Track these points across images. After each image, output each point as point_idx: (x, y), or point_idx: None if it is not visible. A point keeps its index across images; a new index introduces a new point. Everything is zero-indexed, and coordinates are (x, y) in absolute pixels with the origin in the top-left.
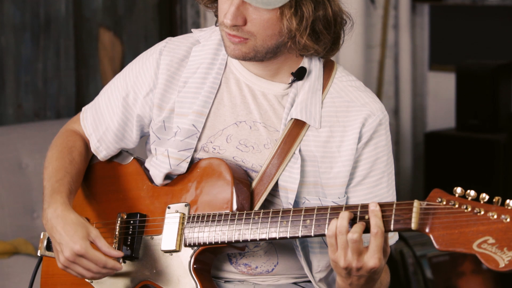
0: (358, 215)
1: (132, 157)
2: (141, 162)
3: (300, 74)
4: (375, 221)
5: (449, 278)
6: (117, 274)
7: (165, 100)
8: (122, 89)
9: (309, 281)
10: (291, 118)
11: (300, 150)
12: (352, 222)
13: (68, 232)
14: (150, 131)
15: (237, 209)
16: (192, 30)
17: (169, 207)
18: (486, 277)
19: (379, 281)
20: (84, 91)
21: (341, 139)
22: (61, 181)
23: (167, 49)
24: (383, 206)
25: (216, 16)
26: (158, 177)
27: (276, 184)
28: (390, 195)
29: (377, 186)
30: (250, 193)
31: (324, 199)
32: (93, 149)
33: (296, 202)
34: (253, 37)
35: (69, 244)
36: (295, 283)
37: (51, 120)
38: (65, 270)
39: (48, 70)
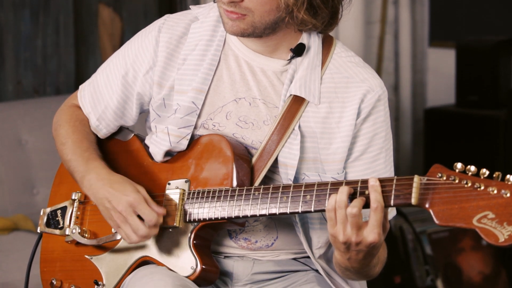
0: (358, 190)
1: (133, 134)
2: (141, 139)
3: (299, 50)
4: (375, 196)
5: (449, 254)
6: (116, 250)
7: (164, 77)
8: (121, 67)
9: (309, 257)
10: (290, 95)
11: (299, 126)
12: (352, 197)
13: (118, 188)
14: (150, 109)
15: (237, 185)
16: (190, 7)
17: (169, 183)
18: (486, 253)
19: (377, 257)
20: (83, 68)
21: (340, 115)
22: (88, 150)
23: (165, 26)
24: (383, 181)
25: None
26: (158, 155)
27: (276, 160)
28: (387, 171)
29: (375, 162)
30: (250, 169)
31: (324, 175)
32: (92, 127)
33: (296, 178)
34: (251, 13)
35: (121, 197)
36: (294, 259)
37: (51, 96)
38: (117, 231)
39: (47, 46)
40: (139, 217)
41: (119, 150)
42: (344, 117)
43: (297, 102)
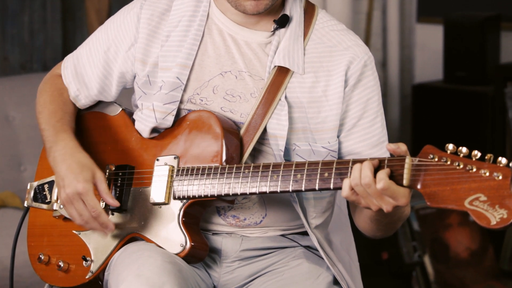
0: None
1: (121, 109)
2: (129, 113)
3: (282, 22)
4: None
5: (436, 230)
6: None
7: (147, 54)
8: (103, 43)
9: (297, 233)
10: (275, 66)
11: (286, 97)
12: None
13: (74, 170)
14: (135, 87)
15: (227, 161)
16: None
17: (158, 160)
18: (473, 229)
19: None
20: (70, 43)
21: (327, 83)
22: (61, 120)
23: (148, 2)
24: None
25: None
26: (144, 132)
27: (265, 132)
28: (384, 135)
29: (373, 126)
30: (240, 143)
31: (314, 144)
32: (72, 97)
33: (287, 149)
34: None
35: (72, 182)
36: (282, 235)
37: (38, 72)
38: (65, 208)
39: (34, 22)
40: None
41: (107, 125)
42: (330, 86)
43: (281, 73)
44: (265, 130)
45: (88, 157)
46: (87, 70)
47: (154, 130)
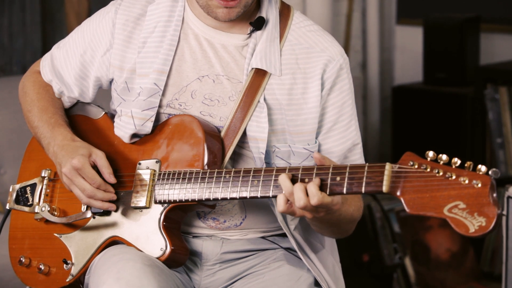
0: (299, 176)
1: (104, 112)
2: (112, 117)
3: (258, 24)
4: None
5: (417, 232)
6: (86, 229)
7: (124, 60)
8: (80, 45)
9: (277, 235)
10: (252, 68)
11: (265, 99)
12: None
13: (70, 152)
14: (114, 94)
15: (208, 165)
16: None
17: (139, 164)
18: (453, 231)
19: (350, 214)
20: (50, 46)
21: (304, 86)
22: (55, 116)
23: (122, 7)
24: (355, 168)
25: None
26: (124, 138)
27: (245, 136)
28: (358, 137)
29: (348, 129)
30: (221, 148)
31: (294, 146)
32: (56, 93)
33: (267, 152)
34: None
35: (68, 160)
36: (263, 237)
37: (17, 75)
38: (68, 189)
39: (13, 24)
40: None
41: (89, 128)
42: (309, 88)
43: (259, 75)
44: (244, 133)
45: (87, 143)
46: (65, 72)
47: (134, 135)
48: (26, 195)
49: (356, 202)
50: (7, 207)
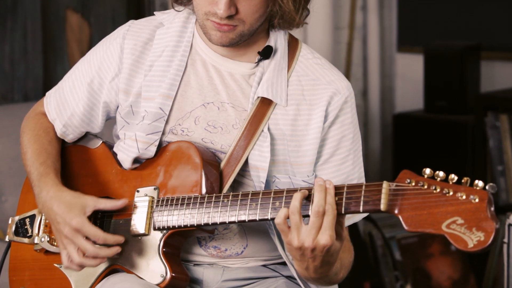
0: (313, 193)
1: (101, 141)
2: (109, 146)
3: (266, 53)
4: (327, 199)
5: (418, 260)
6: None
7: (131, 84)
8: (86, 75)
9: (278, 263)
10: (258, 97)
11: (269, 129)
12: (306, 201)
13: (63, 210)
14: (117, 117)
15: (207, 192)
16: (155, 13)
17: (138, 191)
18: (455, 258)
19: (339, 262)
20: (51, 74)
21: (308, 117)
22: (45, 163)
23: (130, 32)
24: (352, 188)
25: (188, 8)
26: (126, 162)
27: (247, 164)
28: (356, 172)
29: (344, 163)
30: (219, 175)
31: (294, 177)
32: (59, 133)
33: (267, 181)
34: (242, 23)
35: (66, 221)
36: (264, 266)
37: (19, 103)
38: (62, 252)
39: (15, 52)
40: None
41: (87, 158)
42: (312, 120)
43: (265, 104)
44: (246, 161)
45: (74, 193)
46: (72, 104)
47: (136, 160)
48: (26, 227)
49: (346, 259)
50: (7, 239)
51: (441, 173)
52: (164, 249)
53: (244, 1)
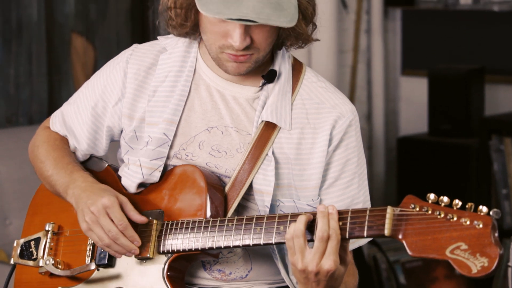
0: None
1: (106, 164)
2: (115, 169)
3: (270, 77)
4: (331, 224)
5: (422, 284)
6: (90, 281)
7: (134, 109)
8: (90, 99)
9: (283, 287)
10: (262, 121)
11: (273, 153)
12: (310, 225)
13: (97, 191)
14: (122, 142)
15: (211, 216)
16: (158, 37)
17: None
18: (459, 282)
19: (343, 285)
20: (56, 97)
21: (313, 141)
22: (71, 164)
23: (133, 57)
24: (357, 213)
25: (193, 39)
26: (131, 187)
27: (251, 188)
28: (361, 196)
29: (349, 187)
30: (224, 199)
31: (298, 201)
32: (71, 148)
33: (272, 205)
34: (257, 51)
35: (97, 198)
36: None
37: (24, 126)
38: (86, 234)
39: (20, 75)
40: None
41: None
42: (316, 143)
43: (269, 128)
44: (250, 185)
45: (110, 187)
46: (77, 127)
47: (141, 184)
48: (31, 249)
49: (351, 283)
50: (12, 261)
51: (445, 199)
52: (168, 273)
53: (257, 29)
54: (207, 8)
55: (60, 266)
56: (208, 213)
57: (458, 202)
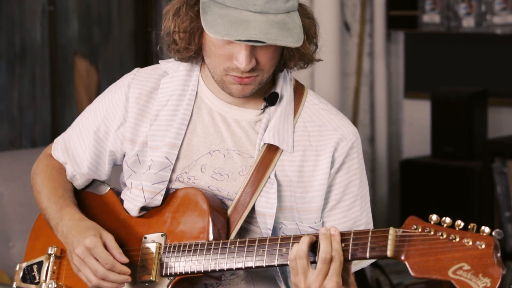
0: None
1: (109, 188)
2: (117, 192)
3: (272, 100)
4: (334, 245)
5: None
6: None
7: (137, 133)
8: (93, 123)
9: None
10: (264, 144)
11: (275, 175)
12: (313, 246)
13: (81, 232)
14: (124, 166)
15: (214, 239)
16: (159, 61)
17: (145, 237)
18: None
19: None
20: (59, 120)
21: (315, 163)
22: (63, 197)
23: (135, 81)
24: (359, 234)
25: (195, 63)
26: (133, 211)
27: (253, 210)
28: (364, 218)
29: (351, 209)
30: (226, 222)
31: (301, 224)
32: (69, 176)
33: (274, 228)
34: (262, 72)
35: (80, 240)
36: None
37: (27, 148)
38: (78, 275)
39: (23, 98)
40: None
41: (95, 204)
42: (318, 166)
43: (271, 151)
44: (253, 208)
45: (95, 223)
46: (79, 152)
47: (143, 208)
48: (33, 273)
49: None
50: (14, 285)
51: (447, 219)
52: None
53: (263, 50)
54: (214, 30)
55: None
56: (211, 236)
57: (460, 223)
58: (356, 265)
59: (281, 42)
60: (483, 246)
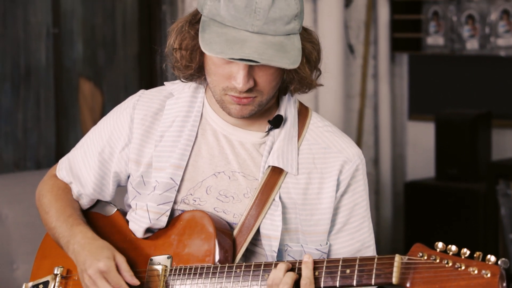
0: (296, 266)
1: (116, 209)
2: (123, 213)
3: (276, 122)
4: (306, 272)
5: None
6: None
7: (142, 154)
8: (97, 144)
9: None
10: (269, 166)
11: (280, 198)
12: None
13: (94, 252)
14: (129, 187)
15: (219, 261)
16: (165, 83)
17: (151, 259)
18: None
19: None
20: (64, 142)
21: (320, 186)
22: (72, 216)
23: (140, 103)
24: (365, 260)
25: (199, 82)
26: (138, 232)
27: (258, 233)
28: (370, 240)
29: (359, 231)
30: (232, 244)
31: (306, 246)
32: (75, 195)
33: (279, 250)
34: (261, 94)
35: (93, 262)
36: None
37: (31, 170)
38: None
39: (28, 120)
40: None
41: (101, 225)
42: (324, 189)
43: (276, 173)
44: (258, 230)
45: (108, 243)
46: (83, 172)
47: (148, 230)
48: None
49: None
50: None
51: (453, 247)
52: None
53: (261, 72)
54: (210, 48)
55: None
56: (217, 259)
57: (466, 251)
58: None
59: (275, 63)
60: (489, 275)
